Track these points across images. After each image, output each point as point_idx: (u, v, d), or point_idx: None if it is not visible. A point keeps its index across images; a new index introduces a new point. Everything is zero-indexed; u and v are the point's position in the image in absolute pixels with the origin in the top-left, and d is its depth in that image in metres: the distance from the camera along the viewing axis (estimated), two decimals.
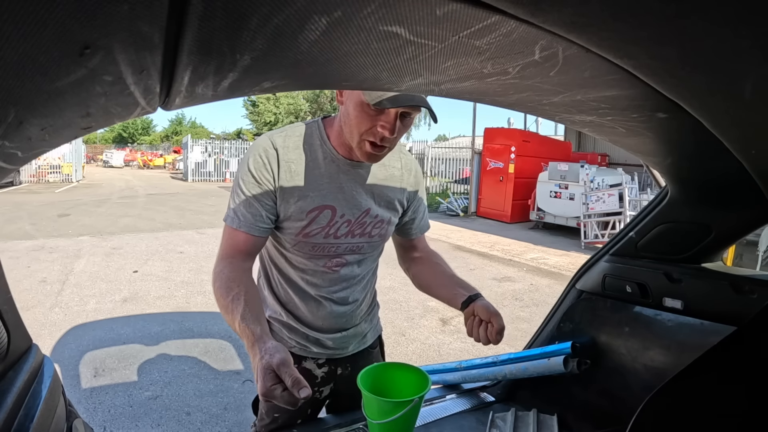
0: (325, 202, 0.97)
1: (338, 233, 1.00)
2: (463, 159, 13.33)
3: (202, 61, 0.38)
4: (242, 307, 0.83)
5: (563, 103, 0.58)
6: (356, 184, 1.01)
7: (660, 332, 1.11)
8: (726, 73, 0.40)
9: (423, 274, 1.17)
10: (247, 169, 0.94)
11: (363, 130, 0.87)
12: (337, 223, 0.99)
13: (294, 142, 0.97)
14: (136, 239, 6.78)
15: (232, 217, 0.95)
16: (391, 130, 0.86)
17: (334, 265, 1.04)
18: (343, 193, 0.99)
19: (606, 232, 7.64)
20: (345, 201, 0.99)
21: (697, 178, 0.93)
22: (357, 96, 0.85)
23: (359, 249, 1.05)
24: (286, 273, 1.07)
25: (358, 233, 1.03)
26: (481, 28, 0.36)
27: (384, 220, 1.06)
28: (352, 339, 1.14)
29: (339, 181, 0.99)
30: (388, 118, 0.86)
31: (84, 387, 2.68)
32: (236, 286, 0.88)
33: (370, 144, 0.88)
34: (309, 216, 0.96)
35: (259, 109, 30.13)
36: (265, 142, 0.96)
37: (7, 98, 0.31)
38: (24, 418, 0.61)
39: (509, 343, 3.51)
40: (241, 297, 0.85)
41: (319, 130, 0.99)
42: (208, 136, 32.64)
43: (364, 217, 1.02)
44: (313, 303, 1.07)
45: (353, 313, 1.12)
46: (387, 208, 1.06)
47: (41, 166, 15.98)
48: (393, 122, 0.86)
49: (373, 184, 1.03)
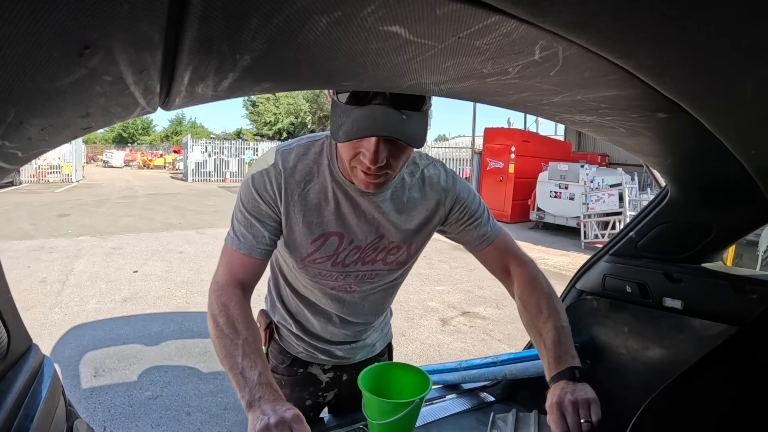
0: (330, 229, 0.89)
1: (346, 261, 0.92)
2: (463, 159, 13.33)
3: (202, 61, 0.38)
4: (253, 357, 0.78)
5: (563, 103, 0.58)
6: (368, 209, 0.89)
7: (660, 332, 1.11)
8: (726, 73, 0.40)
9: (521, 309, 0.96)
10: (251, 188, 0.87)
11: (349, 157, 0.77)
12: (345, 250, 0.91)
13: (302, 163, 0.88)
14: (136, 239, 6.78)
15: (232, 238, 0.88)
16: (372, 159, 0.72)
17: (341, 290, 0.98)
18: (353, 219, 0.89)
19: (606, 232, 7.64)
20: (354, 227, 0.90)
21: (697, 178, 0.93)
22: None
23: (372, 277, 0.97)
24: (294, 286, 1.03)
25: (369, 260, 0.94)
26: (481, 28, 0.36)
27: (402, 247, 0.94)
28: (360, 350, 1.12)
29: (348, 206, 0.88)
30: (368, 144, 0.72)
31: (84, 387, 2.68)
32: (244, 329, 0.81)
33: (362, 172, 0.77)
34: (314, 244, 0.89)
35: (259, 109, 30.13)
36: (270, 160, 0.87)
37: (7, 98, 0.31)
38: (24, 418, 0.61)
39: (509, 343, 3.52)
40: (251, 344, 0.79)
41: (329, 150, 0.88)
42: (208, 136, 32.66)
43: (376, 243, 0.92)
44: (324, 318, 1.03)
45: (365, 329, 1.09)
46: (406, 232, 0.93)
47: (41, 166, 15.99)
48: (374, 149, 0.72)
49: (388, 207, 0.91)
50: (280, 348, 1.10)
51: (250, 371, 0.76)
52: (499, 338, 3.58)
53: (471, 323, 3.89)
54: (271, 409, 0.71)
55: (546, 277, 0.98)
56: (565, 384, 0.82)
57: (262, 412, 0.71)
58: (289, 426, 0.70)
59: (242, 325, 0.81)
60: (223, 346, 0.79)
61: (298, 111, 29.54)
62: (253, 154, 20.89)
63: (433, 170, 0.95)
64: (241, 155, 21.03)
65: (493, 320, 3.98)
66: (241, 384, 0.75)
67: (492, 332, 3.70)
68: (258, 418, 0.70)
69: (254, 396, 0.73)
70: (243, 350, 0.78)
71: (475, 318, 4.03)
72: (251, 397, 0.73)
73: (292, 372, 1.10)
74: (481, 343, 3.47)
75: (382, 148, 0.72)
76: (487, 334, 3.65)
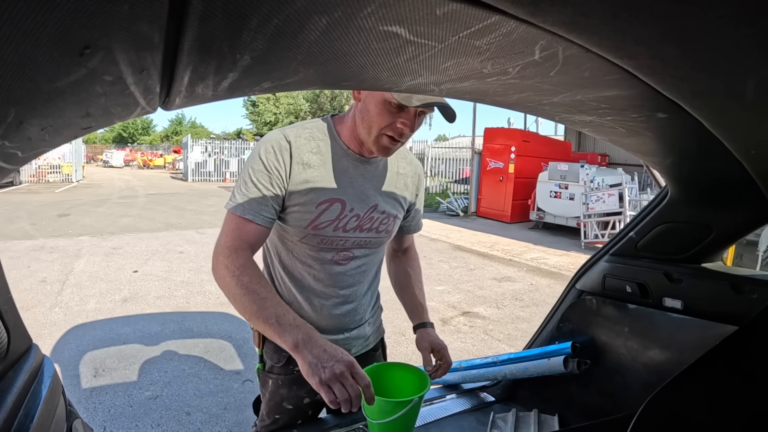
0: (335, 195, 0.99)
1: (347, 227, 1.01)
2: (463, 159, 13.34)
3: (202, 61, 0.38)
4: (281, 305, 0.87)
5: (563, 103, 0.58)
6: (365, 180, 1.03)
7: (660, 332, 1.11)
8: (726, 73, 0.40)
9: (396, 277, 1.29)
10: (258, 158, 0.95)
11: (383, 125, 0.91)
12: (346, 216, 1.00)
13: (306, 136, 0.99)
14: (136, 239, 6.78)
15: (236, 205, 0.94)
16: (411, 126, 0.91)
17: (342, 258, 1.05)
18: (353, 188, 1.01)
19: (606, 232, 7.64)
20: (354, 195, 1.01)
21: (697, 178, 0.93)
22: (380, 94, 0.89)
23: (367, 243, 1.06)
24: (290, 269, 1.06)
25: (366, 228, 1.04)
26: (481, 28, 0.36)
27: (390, 216, 1.08)
28: (355, 341, 1.13)
29: (349, 175, 1.01)
30: (408, 116, 0.90)
31: (84, 387, 2.68)
32: (268, 285, 0.91)
33: (389, 138, 0.93)
34: (319, 208, 0.97)
35: (259, 109, 30.14)
36: (277, 135, 0.97)
37: (7, 98, 0.31)
38: (24, 418, 0.61)
39: (509, 343, 3.52)
40: (276, 296, 0.89)
41: (330, 126, 1.02)
42: (208, 136, 32.63)
43: (372, 212, 1.04)
44: (317, 300, 1.06)
45: (357, 311, 1.11)
46: (393, 205, 1.09)
47: (41, 166, 15.98)
48: (413, 119, 0.91)
49: (382, 180, 1.06)
50: (275, 347, 1.10)
51: (285, 317, 0.85)
52: (499, 338, 3.58)
53: (471, 323, 3.89)
54: (327, 355, 0.80)
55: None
56: (432, 330, 1.17)
57: (317, 357, 0.80)
58: (350, 371, 0.79)
59: (264, 280, 0.91)
60: (252, 302, 0.86)
61: (298, 111, 29.55)
62: None
63: (414, 158, 1.17)
64: (241, 155, 21.01)
65: (493, 320, 3.98)
66: (278, 330, 0.83)
67: (492, 332, 3.70)
68: (315, 365, 0.78)
69: (297, 337, 0.82)
70: (273, 301, 0.87)
71: (475, 318, 4.03)
72: (295, 339, 0.82)
73: (288, 371, 1.10)
74: (481, 343, 3.47)
75: (416, 120, 0.92)
76: (487, 334, 3.65)
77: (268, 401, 1.12)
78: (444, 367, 1.14)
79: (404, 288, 1.26)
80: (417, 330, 1.19)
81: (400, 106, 0.88)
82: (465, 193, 12.20)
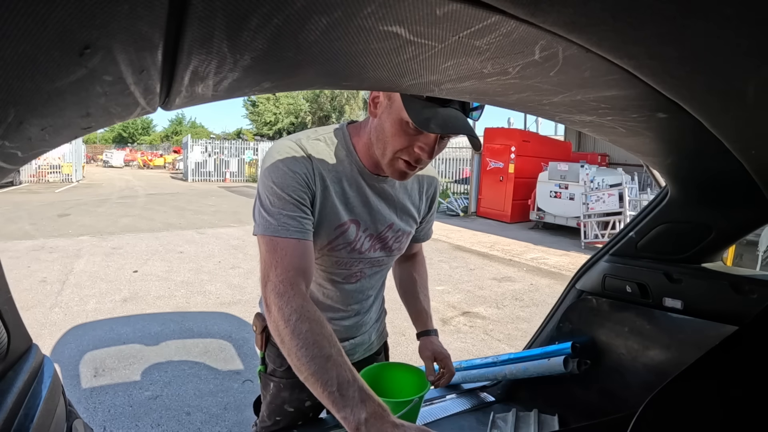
0: (352, 217, 0.93)
1: (362, 248, 0.97)
2: (463, 159, 13.32)
3: (202, 61, 0.38)
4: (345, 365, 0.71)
5: (563, 103, 0.58)
6: (381, 199, 0.97)
7: (660, 332, 1.11)
8: (726, 73, 0.40)
9: (402, 281, 1.26)
10: (287, 173, 0.84)
11: (398, 148, 0.81)
12: (361, 238, 0.96)
13: (322, 150, 0.90)
14: (136, 239, 6.78)
15: (278, 226, 0.80)
16: (429, 152, 0.80)
17: (353, 278, 1.02)
18: (369, 208, 0.95)
19: (606, 232, 7.64)
20: (369, 216, 0.96)
21: (697, 177, 0.93)
22: (397, 113, 0.79)
23: (379, 262, 1.03)
24: None
25: (379, 247, 0.99)
26: (481, 28, 0.36)
27: (405, 233, 1.03)
28: (359, 347, 1.13)
29: (365, 195, 0.94)
30: (427, 140, 0.80)
31: (84, 387, 2.68)
32: (330, 336, 0.74)
33: (405, 163, 0.83)
34: (337, 231, 0.92)
35: (259, 109, 30.15)
36: (294, 148, 0.87)
37: (7, 98, 0.30)
38: (24, 418, 0.61)
39: (509, 343, 3.52)
40: (341, 353, 0.73)
41: (345, 139, 0.93)
42: (208, 136, 32.62)
43: (386, 232, 0.99)
44: (325, 315, 1.04)
45: (364, 323, 1.11)
46: (408, 222, 1.04)
47: (41, 166, 15.99)
48: (433, 144, 0.80)
49: (398, 197, 0.99)
50: (277, 351, 1.10)
51: (350, 386, 0.68)
52: (499, 338, 3.58)
53: (471, 323, 3.89)
54: None
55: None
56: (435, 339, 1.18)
57: None
58: None
59: (327, 329, 0.74)
60: (311, 359, 0.70)
61: (298, 111, 29.55)
62: (253, 154, 20.87)
63: (431, 167, 1.06)
64: (241, 155, 21.01)
65: (493, 320, 3.98)
66: (339, 403, 0.67)
67: (492, 332, 3.69)
68: None
69: (360, 417, 0.66)
70: (337, 361, 0.70)
71: (475, 318, 4.02)
72: (358, 420, 0.66)
73: (291, 374, 1.09)
74: (481, 343, 3.47)
75: (438, 145, 0.81)
76: (487, 334, 3.65)
77: (270, 403, 1.12)
78: (447, 377, 1.11)
79: (409, 293, 1.23)
80: (420, 338, 1.18)
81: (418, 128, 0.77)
82: (465, 193, 12.20)
